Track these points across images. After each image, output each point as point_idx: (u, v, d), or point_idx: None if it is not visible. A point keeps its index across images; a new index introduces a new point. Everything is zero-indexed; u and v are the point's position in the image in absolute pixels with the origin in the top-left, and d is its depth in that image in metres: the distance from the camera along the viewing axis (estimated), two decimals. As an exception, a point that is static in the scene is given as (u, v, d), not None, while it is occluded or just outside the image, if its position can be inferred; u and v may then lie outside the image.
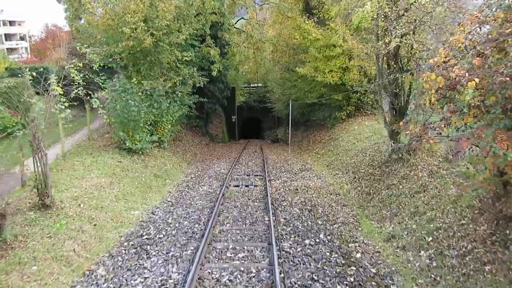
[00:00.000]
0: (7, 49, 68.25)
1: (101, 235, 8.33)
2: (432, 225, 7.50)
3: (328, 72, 20.06)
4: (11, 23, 78.45)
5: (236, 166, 16.09)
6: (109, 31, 14.59)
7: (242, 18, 28.40)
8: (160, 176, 13.19)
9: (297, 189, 11.72)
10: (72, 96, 10.01)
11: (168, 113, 16.20)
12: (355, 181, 11.94)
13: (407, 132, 7.98)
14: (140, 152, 14.03)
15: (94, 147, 14.26)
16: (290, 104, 21.36)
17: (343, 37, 19.39)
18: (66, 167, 11.33)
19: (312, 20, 20.55)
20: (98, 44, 15.52)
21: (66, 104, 9.52)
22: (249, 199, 11.12)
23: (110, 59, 16.05)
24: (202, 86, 26.28)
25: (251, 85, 58.33)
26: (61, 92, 9.49)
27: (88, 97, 11.93)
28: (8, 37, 77.43)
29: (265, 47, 28.74)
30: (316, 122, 27.67)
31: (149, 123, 14.72)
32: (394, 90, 10.64)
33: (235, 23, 28.72)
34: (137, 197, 10.75)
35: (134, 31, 13.74)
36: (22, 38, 78.02)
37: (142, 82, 14.36)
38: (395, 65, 10.55)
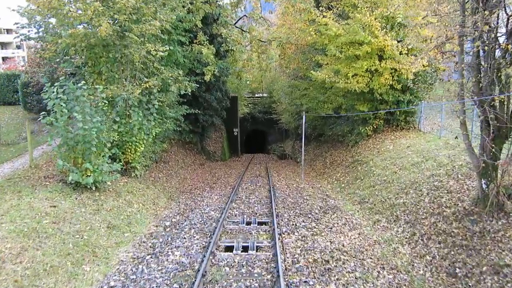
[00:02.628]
0: (3, 58, 65.26)
1: None
2: None
3: (352, 77, 15.78)
4: (8, 31, 75.68)
5: (233, 204, 11.68)
6: (56, 15, 10.44)
7: (245, 16, 24.30)
8: (116, 227, 8.82)
9: (326, 260, 7.04)
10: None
11: (141, 130, 11.94)
12: (418, 242, 7.51)
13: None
14: (93, 188, 9.72)
15: (31, 180, 9.99)
16: (304, 117, 17.01)
17: (373, 31, 15.17)
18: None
19: (331, 11, 16.34)
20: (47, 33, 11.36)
21: None
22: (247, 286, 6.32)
23: (65, 57, 11.93)
24: (197, 95, 22.19)
25: (256, 95, 54.63)
26: None
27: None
28: (4, 45, 75.05)
29: (271, 52, 24.42)
30: (331, 137, 23.37)
31: (109, 144, 10.42)
32: (495, 96, 6.25)
33: (235, 23, 24.61)
34: (57, 279, 6.31)
35: (85, 13, 9.58)
36: (18, 47, 75.25)
37: (97, 87, 10.09)
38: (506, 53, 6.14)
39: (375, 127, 17.44)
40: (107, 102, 10.57)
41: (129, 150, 11.89)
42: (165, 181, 15.17)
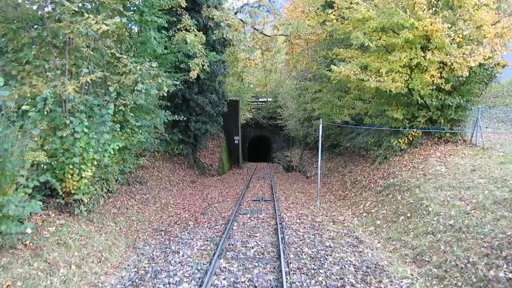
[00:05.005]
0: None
1: None
2: None
3: (386, 73, 11.92)
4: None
5: (222, 261, 7.60)
6: None
7: (246, 4, 20.52)
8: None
9: None
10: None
11: (89, 145, 8.10)
12: None
13: None
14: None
15: None
16: (321, 127, 13.12)
17: (416, 11, 11.31)
18: None
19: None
20: None
21: None
22: None
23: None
24: (187, 97, 18.39)
25: (260, 100, 51.03)
26: None
27: None
28: None
29: (278, 43, 20.68)
30: (349, 150, 19.48)
31: (26, 172, 6.58)
32: None
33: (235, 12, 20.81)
34: None
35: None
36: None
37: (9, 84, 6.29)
38: None
39: (410, 139, 13.57)
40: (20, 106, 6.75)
41: (69, 176, 8.04)
42: (136, 212, 11.31)
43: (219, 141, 28.06)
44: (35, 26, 7.77)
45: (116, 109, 8.73)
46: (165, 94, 11.17)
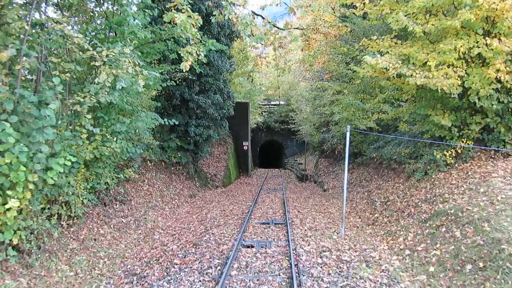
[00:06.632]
0: None
1: None
2: None
3: (435, 67, 9.15)
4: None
5: None
6: None
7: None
8: None
9: None
10: None
11: (18, 162, 5.54)
12: None
13: None
14: None
15: None
16: (348, 134, 10.39)
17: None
18: None
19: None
20: None
21: None
22: None
23: None
24: (187, 98, 15.82)
25: (272, 103, 48.59)
26: None
27: None
28: None
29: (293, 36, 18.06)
30: (375, 160, 16.70)
31: None
32: None
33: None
34: None
35: None
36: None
37: None
38: None
39: (459, 151, 10.77)
40: None
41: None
42: (108, 244, 8.73)
43: (226, 147, 25.44)
44: None
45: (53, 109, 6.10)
46: (158, 93, 8.61)
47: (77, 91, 6.97)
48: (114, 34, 9.70)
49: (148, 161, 14.48)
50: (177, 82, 14.86)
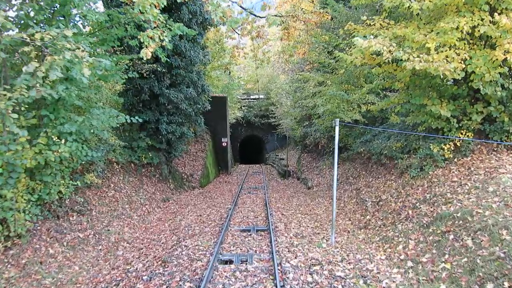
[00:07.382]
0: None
1: None
2: None
3: (435, 50, 8.00)
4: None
5: None
6: None
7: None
8: None
9: None
10: None
11: None
12: None
13: None
14: None
15: None
16: (337, 129, 9.21)
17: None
18: None
19: None
20: None
21: None
22: None
23: None
24: (157, 92, 14.36)
25: (251, 97, 47.30)
26: None
27: None
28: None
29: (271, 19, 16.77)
30: (362, 155, 15.62)
31: None
32: None
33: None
34: None
35: None
36: None
37: None
38: None
39: (458, 144, 9.74)
40: None
41: None
42: (58, 267, 7.29)
43: (203, 144, 24.01)
44: None
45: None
46: (124, 88, 7.24)
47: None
48: (63, 18, 8.22)
49: (115, 163, 12.99)
50: (145, 74, 13.39)
